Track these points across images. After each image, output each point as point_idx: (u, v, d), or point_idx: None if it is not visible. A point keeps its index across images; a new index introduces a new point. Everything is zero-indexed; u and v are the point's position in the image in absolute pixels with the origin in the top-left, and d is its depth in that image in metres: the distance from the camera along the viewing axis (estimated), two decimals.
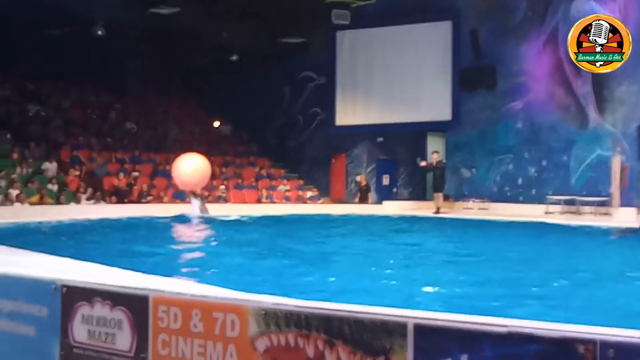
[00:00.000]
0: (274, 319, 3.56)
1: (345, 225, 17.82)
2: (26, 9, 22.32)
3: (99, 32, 23.39)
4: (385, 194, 25.96)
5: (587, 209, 21.17)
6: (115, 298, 4.10)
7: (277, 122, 29.02)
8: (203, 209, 18.43)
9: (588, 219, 19.54)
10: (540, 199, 22.13)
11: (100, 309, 4.13)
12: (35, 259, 7.46)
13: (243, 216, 18.97)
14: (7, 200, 18.95)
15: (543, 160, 22.74)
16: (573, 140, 22.06)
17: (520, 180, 23.20)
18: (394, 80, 24.91)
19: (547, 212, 21.13)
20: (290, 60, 28.11)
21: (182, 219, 17.16)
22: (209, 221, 17.30)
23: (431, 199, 23.12)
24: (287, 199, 24.79)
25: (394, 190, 26.94)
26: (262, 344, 3.60)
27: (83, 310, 4.21)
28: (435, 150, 23.22)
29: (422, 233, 15.92)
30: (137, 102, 28.53)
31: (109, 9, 23.32)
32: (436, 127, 25.76)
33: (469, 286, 7.49)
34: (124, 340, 4.04)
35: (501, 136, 23.64)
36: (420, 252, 11.51)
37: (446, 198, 24.73)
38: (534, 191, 22.75)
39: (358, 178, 25.78)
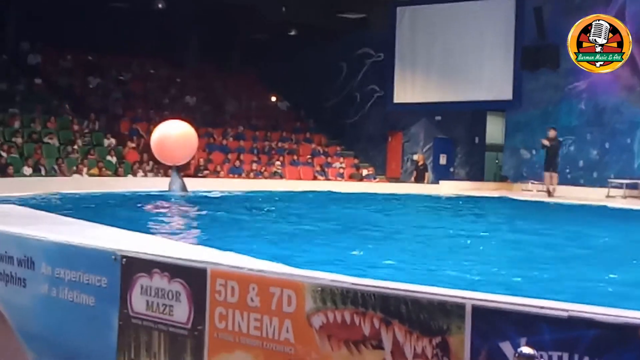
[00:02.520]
0: (330, 296, 3.56)
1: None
2: None
3: (160, 6, 23.58)
4: (442, 174, 25.72)
5: None
6: (173, 270, 4.14)
7: (334, 99, 28.93)
8: (183, 187, 16.33)
9: None
10: (601, 183, 21.61)
11: (159, 281, 4.17)
12: (95, 229, 7.58)
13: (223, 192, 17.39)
14: (60, 171, 19.31)
15: (606, 143, 22.22)
16: (637, 122, 21.49)
17: (581, 163, 22.72)
18: (454, 57, 24.57)
19: (608, 196, 20.64)
20: (348, 36, 27.95)
21: (167, 197, 15.43)
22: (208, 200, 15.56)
23: (490, 179, 22.78)
24: (341, 176, 24.79)
25: (451, 169, 26.70)
26: (317, 321, 3.60)
27: (142, 281, 4.26)
28: (552, 127, 21.01)
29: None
30: (197, 76, 28.77)
31: None
32: (496, 106, 25.38)
33: None
34: (181, 312, 4.08)
35: (563, 117, 23.16)
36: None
37: (505, 179, 24.43)
38: (595, 174, 22.25)
39: (416, 157, 25.58)
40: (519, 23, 23.70)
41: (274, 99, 29.94)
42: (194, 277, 4.03)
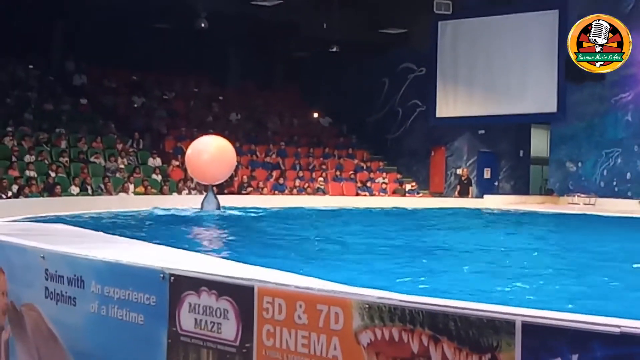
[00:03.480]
0: (378, 313, 3.54)
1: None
2: (133, 3, 23.01)
3: (202, 25, 23.85)
4: (487, 188, 25.52)
5: None
6: (221, 288, 4.16)
7: (376, 114, 28.93)
8: (218, 206, 16.22)
9: None
10: None
11: (207, 299, 4.19)
12: (141, 247, 7.66)
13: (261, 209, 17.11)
14: (107, 190, 19.58)
15: None
16: None
17: (628, 175, 22.38)
18: (497, 71, 24.40)
19: None
20: (390, 51, 27.97)
21: (205, 215, 15.40)
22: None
23: (535, 192, 22.55)
24: (384, 192, 24.71)
25: (496, 183, 26.46)
26: (365, 338, 3.58)
27: (190, 299, 4.28)
28: None
29: None
30: (239, 94, 29.01)
31: (212, 1, 23.78)
32: (541, 119, 25.16)
33: None
34: (229, 330, 4.09)
35: (609, 129, 22.85)
36: None
37: (550, 192, 24.15)
38: None
39: (459, 171, 25.44)
40: (562, 35, 23.43)
41: (316, 115, 30.04)
42: (241, 295, 4.04)
